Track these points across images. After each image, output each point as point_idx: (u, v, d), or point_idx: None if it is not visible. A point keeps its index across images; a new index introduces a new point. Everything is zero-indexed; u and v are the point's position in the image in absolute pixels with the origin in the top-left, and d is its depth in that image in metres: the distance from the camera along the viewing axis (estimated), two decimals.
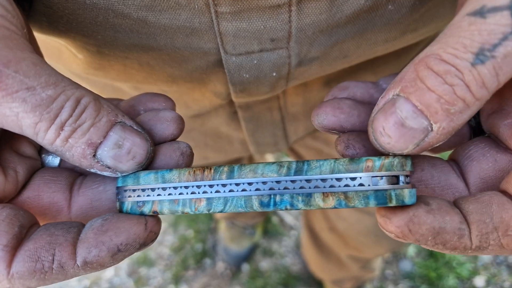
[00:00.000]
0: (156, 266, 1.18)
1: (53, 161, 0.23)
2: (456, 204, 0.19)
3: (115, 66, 0.30)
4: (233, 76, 0.29)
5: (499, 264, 1.11)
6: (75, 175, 0.23)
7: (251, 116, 0.39)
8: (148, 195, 0.20)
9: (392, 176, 0.18)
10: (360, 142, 0.21)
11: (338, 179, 0.18)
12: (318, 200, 0.18)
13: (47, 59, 0.24)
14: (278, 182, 0.18)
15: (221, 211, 0.19)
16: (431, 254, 1.14)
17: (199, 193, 0.19)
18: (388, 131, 0.17)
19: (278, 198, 0.18)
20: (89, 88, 0.20)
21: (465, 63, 0.16)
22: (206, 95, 0.34)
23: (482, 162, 0.20)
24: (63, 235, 0.18)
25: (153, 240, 0.20)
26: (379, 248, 0.76)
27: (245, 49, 0.26)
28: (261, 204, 0.18)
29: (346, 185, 0.18)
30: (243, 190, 0.19)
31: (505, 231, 0.17)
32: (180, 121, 0.23)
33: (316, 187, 0.18)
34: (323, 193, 0.18)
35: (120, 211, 0.21)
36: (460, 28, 0.16)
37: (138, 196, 0.20)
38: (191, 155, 0.22)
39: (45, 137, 0.18)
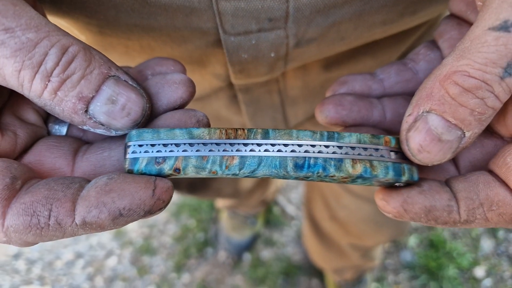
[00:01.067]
0: (159, 255, 1.19)
1: (60, 130, 0.22)
2: (447, 183, 0.20)
3: (117, 47, 0.30)
4: (231, 56, 0.29)
5: (500, 255, 1.12)
6: (80, 143, 0.22)
7: (250, 99, 0.39)
8: (171, 151, 0.18)
9: (402, 153, 0.20)
10: None
11: (365, 149, 0.19)
12: (348, 166, 0.19)
13: None
14: (313, 146, 0.19)
15: (252, 172, 0.18)
16: (432, 245, 1.15)
17: (232, 151, 0.19)
18: (426, 148, 0.19)
19: (312, 161, 0.19)
20: None
21: (495, 78, 0.17)
22: (206, 78, 0.35)
23: (471, 147, 0.22)
24: (63, 190, 0.17)
25: (161, 209, 0.18)
26: (380, 236, 0.77)
27: (243, 29, 0.27)
28: (296, 166, 0.19)
29: (371, 155, 0.19)
30: (279, 150, 0.19)
31: (489, 207, 0.19)
32: (190, 83, 0.21)
33: (346, 153, 0.19)
34: (352, 159, 0.19)
35: (129, 171, 0.19)
36: (485, 43, 0.17)
37: (158, 151, 0.19)
38: (208, 125, 0.21)
39: (31, 88, 0.17)
